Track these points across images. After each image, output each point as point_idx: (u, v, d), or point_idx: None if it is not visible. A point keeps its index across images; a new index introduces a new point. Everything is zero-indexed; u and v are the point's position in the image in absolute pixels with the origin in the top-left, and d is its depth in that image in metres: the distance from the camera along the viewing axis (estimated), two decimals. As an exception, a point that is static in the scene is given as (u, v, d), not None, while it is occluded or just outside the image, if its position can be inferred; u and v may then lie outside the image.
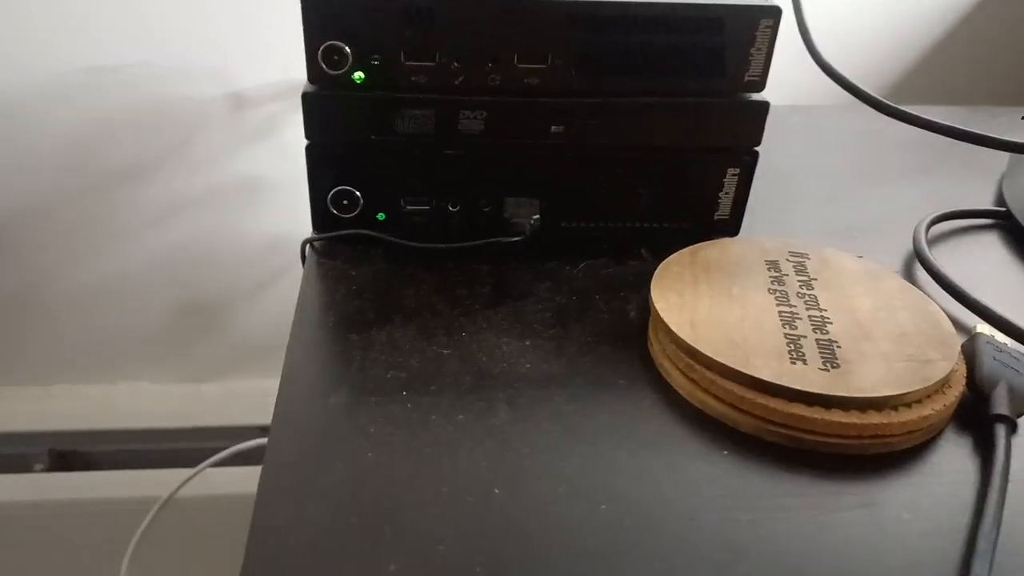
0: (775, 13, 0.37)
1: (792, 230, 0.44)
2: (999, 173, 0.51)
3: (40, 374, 0.81)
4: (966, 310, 0.37)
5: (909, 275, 0.41)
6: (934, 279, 0.39)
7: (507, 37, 0.36)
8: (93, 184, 0.73)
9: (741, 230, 0.42)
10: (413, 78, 0.37)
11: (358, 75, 0.37)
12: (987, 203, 0.48)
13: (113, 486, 0.74)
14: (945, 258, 0.42)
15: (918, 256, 0.41)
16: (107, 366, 0.81)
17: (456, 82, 0.37)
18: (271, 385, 0.34)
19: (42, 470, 0.77)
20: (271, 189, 0.75)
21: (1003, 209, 0.46)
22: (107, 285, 0.77)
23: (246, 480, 0.76)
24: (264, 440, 0.70)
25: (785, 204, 0.48)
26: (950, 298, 0.38)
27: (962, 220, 0.46)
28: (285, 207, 0.75)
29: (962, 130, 0.39)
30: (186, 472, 0.70)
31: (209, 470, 0.70)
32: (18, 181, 0.72)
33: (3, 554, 0.75)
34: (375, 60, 0.37)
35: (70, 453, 0.79)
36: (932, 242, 0.43)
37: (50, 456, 0.78)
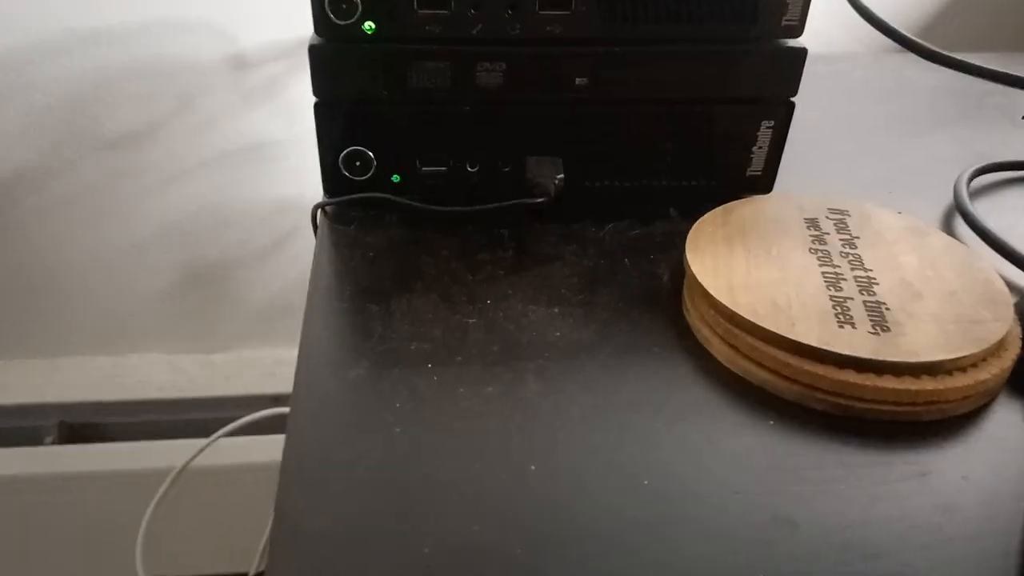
0: (815, -49, 0.34)
1: (826, 186, 0.42)
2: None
3: (48, 346, 0.80)
4: (1014, 268, 0.35)
5: (951, 231, 0.39)
6: (978, 235, 0.37)
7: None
8: (94, 149, 0.70)
9: (774, 187, 0.40)
10: (427, 28, 0.35)
11: (368, 25, 0.35)
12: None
13: (126, 458, 0.74)
14: (987, 213, 0.40)
15: (960, 211, 0.39)
16: (116, 337, 0.80)
17: (473, 31, 0.35)
18: (281, 354, 0.33)
19: (52, 442, 0.77)
20: (275, 151, 0.73)
21: (1046, 160, 0.44)
22: (112, 254, 0.75)
23: (259, 450, 0.75)
24: (277, 410, 0.69)
25: (818, 158, 0.45)
26: (995, 255, 0.36)
27: (1003, 172, 0.44)
28: (289, 170, 0.73)
29: (1007, 74, 0.37)
30: (199, 443, 0.69)
31: (222, 440, 0.69)
32: (16, 145, 0.69)
33: (19, 526, 0.74)
34: (386, 8, 0.34)
35: (80, 425, 0.78)
36: (973, 196, 0.41)
37: (60, 429, 0.77)
